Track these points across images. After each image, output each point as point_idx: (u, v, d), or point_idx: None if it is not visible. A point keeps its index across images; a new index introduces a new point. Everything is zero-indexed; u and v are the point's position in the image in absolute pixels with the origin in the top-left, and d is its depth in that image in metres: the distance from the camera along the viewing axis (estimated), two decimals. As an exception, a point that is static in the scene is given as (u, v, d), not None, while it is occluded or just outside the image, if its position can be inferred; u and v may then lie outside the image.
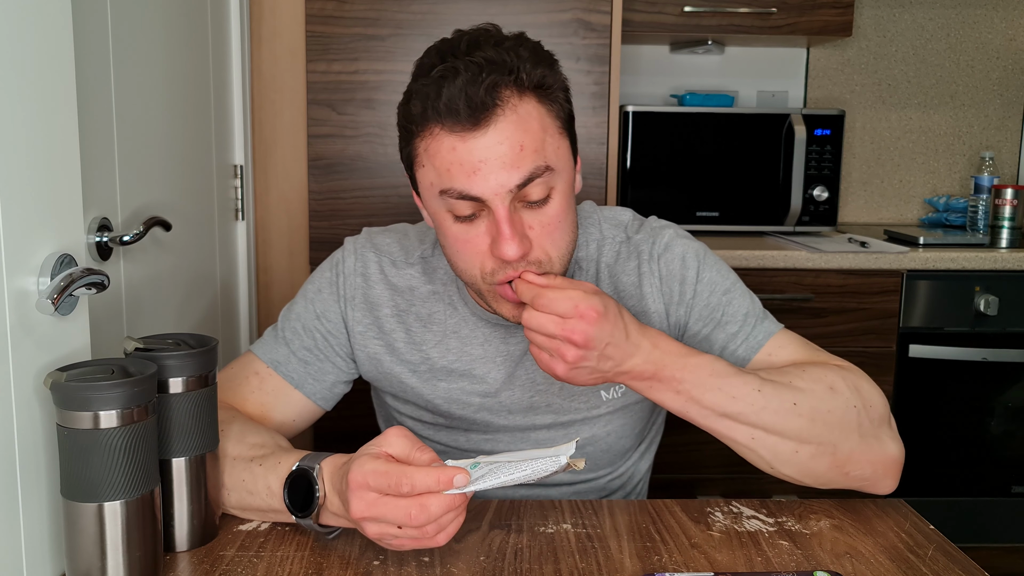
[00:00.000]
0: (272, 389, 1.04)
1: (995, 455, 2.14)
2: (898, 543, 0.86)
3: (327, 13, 1.92)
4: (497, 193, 0.85)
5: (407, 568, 0.80)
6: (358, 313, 1.05)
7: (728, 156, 2.23)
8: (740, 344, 1.01)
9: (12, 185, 0.73)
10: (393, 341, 1.05)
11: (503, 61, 0.85)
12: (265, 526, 0.88)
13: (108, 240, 1.14)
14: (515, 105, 0.85)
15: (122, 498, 0.73)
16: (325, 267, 1.09)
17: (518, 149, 0.85)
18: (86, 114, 1.08)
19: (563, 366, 0.84)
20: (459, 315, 1.05)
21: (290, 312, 1.08)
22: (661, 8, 2.16)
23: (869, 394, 0.93)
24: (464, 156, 0.85)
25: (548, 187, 0.88)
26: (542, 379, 1.04)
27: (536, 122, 0.87)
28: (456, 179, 0.85)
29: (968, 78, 2.60)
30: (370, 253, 1.07)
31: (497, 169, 0.84)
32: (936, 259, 2.05)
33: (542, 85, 0.88)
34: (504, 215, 0.86)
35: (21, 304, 0.75)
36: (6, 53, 0.72)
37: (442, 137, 0.86)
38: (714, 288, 1.03)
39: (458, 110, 0.84)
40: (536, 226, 0.88)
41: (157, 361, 0.79)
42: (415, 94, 0.88)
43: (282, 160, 1.98)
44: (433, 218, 0.93)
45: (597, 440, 1.07)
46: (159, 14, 1.37)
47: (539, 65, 0.87)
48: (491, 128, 0.84)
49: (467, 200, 0.86)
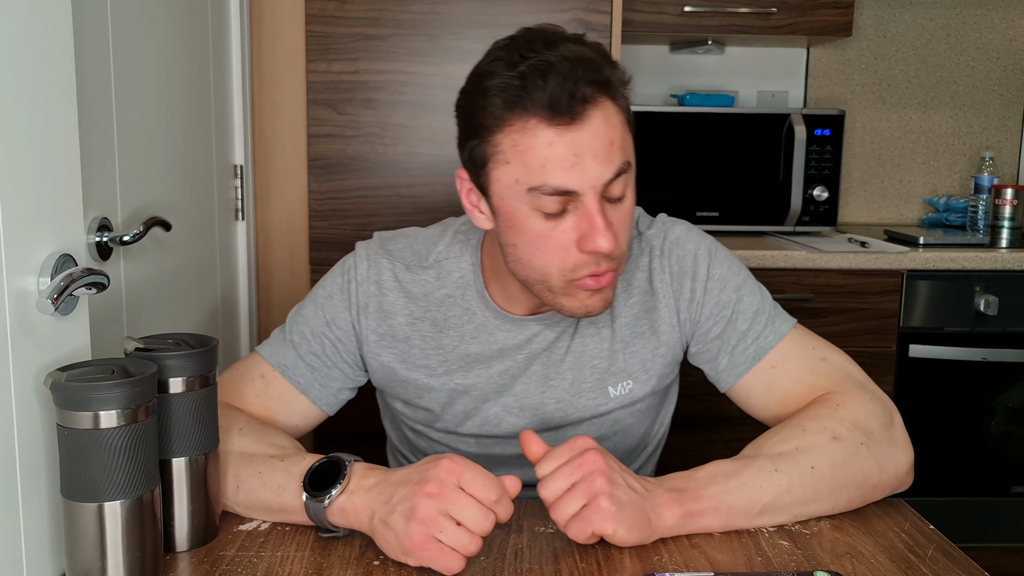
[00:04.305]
0: (277, 393, 1.03)
1: (995, 455, 2.14)
2: (898, 543, 0.86)
3: (327, 13, 1.92)
4: (593, 186, 0.87)
5: (407, 568, 0.80)
6: (372, 322, 1.04)
7: (728, 156, 2.23)
8: (751, 343, 1.01)
9: (12, 185, 0.73)
10: (408, 348, 1.04)
11: (589, 58, 0.87)
12: (265, 526, 0.88)
13: (108, 240, 1.14)
14: (602, 102, 0.87)
15: (122, 498, 0.73)
16: (336, 272, 1.08)
17: (609, 144, 0.87)
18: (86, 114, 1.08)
19: (604, 498, 0.80)
20: (476, 317, 1.04)
21: (299, 315, 1.07)
22: (661, 8, 2.16)
23: (866, 419, 0.93)
24: (562, 150, 0.85)
25: (626, 184, 0.91)
26: (554, 374, 1.04)
27: (617, 119, 0.89)
28: (552, 174, 0.86)
29: (968, 78, 2.60)
30: (383, 260, 1.06)
31: (592, 163, 0.86)
32: (936, 259, 2.05)
33: (619, 84, 0.90)
34: (598, 208, 0.87)
35: (21, 304, 0.75)
36: (6, 53, 0.72)
37: (538, 131, 0.86)
38: (724, 285, 1.03)
39: (560, 103, 0.84)
40: (615, 221, 0.90)
41: (157, 361, 0.79)
42: (496, 89, 0.87)
43: (282, 160, 1.98)
44: (509, 217, 0.91)
45: (605, 439, 1.08)
46: (159, 14, 1.37)
47: (613, 66, 0.90)
48: (587, 123, 0.86)
49: (560, 196, 0.87)
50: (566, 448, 0.83)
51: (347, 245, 1.99)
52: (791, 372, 1.00)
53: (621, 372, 1.05)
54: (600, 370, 1.05)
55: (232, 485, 0.89)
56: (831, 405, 0.95)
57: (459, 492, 0.77)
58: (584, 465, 0.82)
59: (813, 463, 0.89)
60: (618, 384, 1.05)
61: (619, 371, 1.05)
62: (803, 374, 1.00)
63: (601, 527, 0.81)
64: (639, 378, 1.06)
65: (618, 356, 1.05)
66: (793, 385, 1.00)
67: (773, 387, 1.01)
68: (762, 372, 1.01)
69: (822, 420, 0.92)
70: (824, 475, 0.89)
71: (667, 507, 0.84)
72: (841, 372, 1.00)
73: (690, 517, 0.85)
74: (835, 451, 0.90)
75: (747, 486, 0.87)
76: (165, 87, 1.39)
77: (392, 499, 0.79)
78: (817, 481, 0.89)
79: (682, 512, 0.85)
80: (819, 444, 0.90)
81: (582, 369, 1.04)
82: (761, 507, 0.87)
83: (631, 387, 1.06)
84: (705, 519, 0.86)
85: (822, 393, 0.98)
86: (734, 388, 1.03)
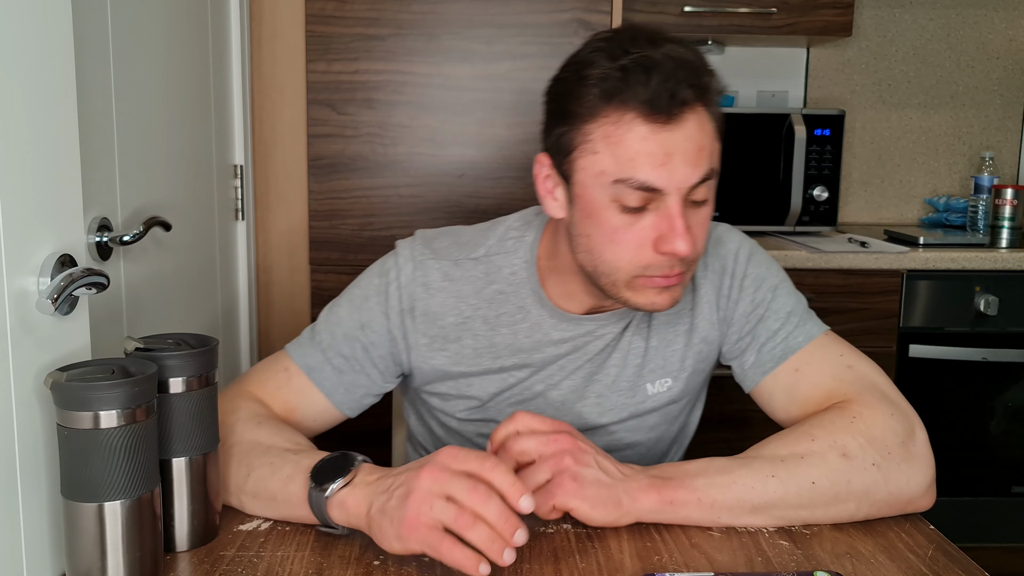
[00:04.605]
0: (300, 389, 1.02)
1: (995, 455, 2.14)
2: (898, 543, 0.86)
3: (327, 13, 1.92)
4: (679, 188, 0.88)
5: (407, 568, 0.80)
6: (420, 325, 1.03)
7: (728, 156, 2.21)
8: (779, 342, 1.01)
9: (12, 185, 0.73)
10: (461, 349, 1.03)
11: (692, 62, 0.88)
12: (265, 526, 0.88)
13: (108, 240, 1.14)
14: (698, 108, 0.88)
15: (122, 498, 0.73)
16: (374, 273, 1.06)
17: (699, 149, 0.88)
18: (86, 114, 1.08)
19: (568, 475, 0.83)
20: (531, 315, 1.03)
21: (332, 314, 1.05)
22: (661, 8, 2.16)
23: (884, 435, 0.90)
24: (654, 147, 0.86)
25: (708, 191, 0.91)
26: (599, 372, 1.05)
27: (709, 126, 0.90)
28: (640, 168, 0.87)
29: (968, 78, 2.60)
30: (430, 260, 1.04)
31: (682, 164, 0.87)
32: (936, 259, 2.05)
33: (715, 93, 0.90)
34: (680, 211, 0.88)
35: (21, 304, 0.75)
36: (6, 53, 0.72)
37: (634, 125, 0.86)
38: (761, 284, 1.04)
39: (660, 102, 0.85)
40: (694, 226, 0.91)
41: (157, 361, 0.79)
42: (595, 79, 0.87)
43: (282, 160, 1.98)
44: (588, 207, 0.92)
45: (638, 444, 1.08)
46: (159, 14, 1.37)
47: (712, 74, 0.90)
48: (681, 126, 0.87)
49: (644, 191, 0.87)
50: (547, 426, 0.87)
51: (347, 245, 2.01)
52: (814, 376, 0.98)
53: (659, 369, 1.05)
54: (639, 367, 1.05)
55: (243, 473, 0.88)
56: (847, 416, 0.91)
57: (459, 474, 0.76)
58: (554, 443, 0.85)
59: (815, 477, 0.87)
60: (656, 381, 1.06)
61: (658, 368, 1.05)
62: (826, 379, 0.98)
63: (563, 501, 0.83)
64: (678, 376, 1.06)
65: (658, 353, 1.05)
66: (814, 390, 0.98)
67: (794, 390, 0.99)
68: (786, 374, 1.00)
69: (835, 433, 0.90)
70: (824, 491, 0.87)
71: (644, 492, 0.85)
72: (866, 381, 0.96)
73: (670, 505, 0.86)
74: (841, 468, 0.87)
75: (737, 484, 0.86)
76: (165, 87, 1.40)
77: (391, 488, 0.78)
78: (815, 495, 0.87)
79: (660, 499, 0.85)
80: (825, 458, 0.88)
81: (625, 367, 1.05)
82: (751, 507, 0.87)
83: (669, 385, 1.06)
84: (687, 510, 0.86)
85: (841, 400, 0.95)
86: (758, 387, 1.03)
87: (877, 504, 0.89)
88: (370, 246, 1.98)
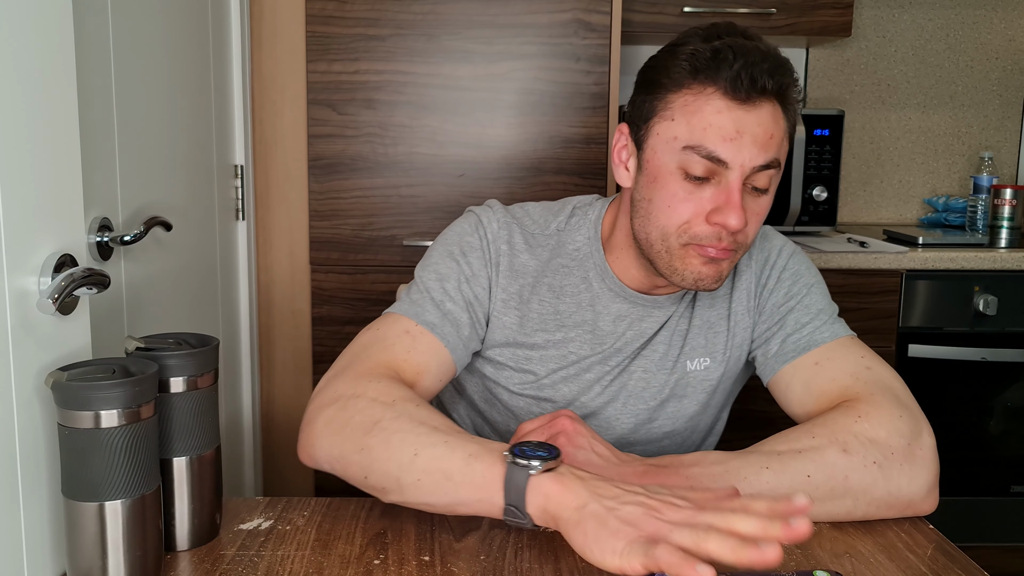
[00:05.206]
0: (428, 348, 0.99)
1: (995, 455, 2.15)
2: (897, 542, 0.86)
3: (327, 13, 1.92)
4: (742, 165, 0.92)
5: (407, 568, 0.80)
6: (503, 280, 1.06)
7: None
8: (805, 335, 1.03)
9: (13, 185, 0.73)
10: (528, 312, 1.07)
11: (779, 61, 0.93)
12: (266, 525, 0.88)
13: (109, 240, 1.14)
14: (774, 100, 0.93)
15: (123, 498, 0.73)
16: (466, 229, 1.07)
17: (769, 136, 0.93)
18: (87, 114, 1.08)
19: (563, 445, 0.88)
20: (593, 287, 1.07)
21: (433, 271, 1.04)
22: (661, 8, 2.16)
23: (887, 436, 0.90)
24: (728, 121, 0.92)
25: (771, 181, 0.96)
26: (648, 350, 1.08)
27: (782, 121, 0.95)
28: (710, 139, 0.92)
29: (968, 78, 2.61)
30: (513, 223, 1.09)
31: (750, 144, 0.92)
32: (935, 259, 2.06)
33: (793, 99, 0.96)
34: (739, 186, 0.93)
35: (22, 304, 0.75)
36: (7, 53, 0.73)
37: (713, 99, 0.92)
38: (797, 279, 1.08)
39: (741, 84, 0.90)
40: (749, 211, 0.95)
41: (158, 361, 0.79)
42: (687, 55, 0.94)
43: (282, 160, 1.99)
44: (655, 171, 0.96)
45: (676, 434, 1.11)
46: (160, 14, 1.37)
47: (795, 81, 0.95)
48: (756, 110, 0.92)
49: (710, 161, 0.92)
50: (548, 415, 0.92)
51: (347, 245, 2.01)
52: (833, 371, 1.00)
53: (700, 348, 1.09)
54: (680, 346, 1.09)
55: (408, 453, 0.83)
56: (853, 414, 0.92)
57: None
58: (552, 427, 0.90)
59: (810, 471, 0.87)
60: (695, 359, 1.09)
61: (698, 347, 1.09)
62: (844, 376, 0.98)
63: None
64: (715, 357, 1.09)
65: (700, 333, 1.09)
66: (831, 384, 0.99)
67: (811, 383, 1.00)
68: (806, 366, 1.01)
69: (837, 430, 0.90)
70: (819, 485, 0.87)
71: (638, 477, 0.86)
72: (881, 383, 0.97)
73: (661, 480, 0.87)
74: (839, 463, 0.87)
75: (729, 474, 0.87)
76: (166, 87, 1.40)
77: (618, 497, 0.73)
78: (810, 488, 0.86)
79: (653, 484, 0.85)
80: (823, 452, 0.88)
81: (671, 346, 1.09)
82: None
83: (707, 364, 1.09)
84: None
85: (852, 398, 0.95)
86: (776, 376, 1.04)
87: (876, 503, 0.89)
88: (370, 246, 1.98)
